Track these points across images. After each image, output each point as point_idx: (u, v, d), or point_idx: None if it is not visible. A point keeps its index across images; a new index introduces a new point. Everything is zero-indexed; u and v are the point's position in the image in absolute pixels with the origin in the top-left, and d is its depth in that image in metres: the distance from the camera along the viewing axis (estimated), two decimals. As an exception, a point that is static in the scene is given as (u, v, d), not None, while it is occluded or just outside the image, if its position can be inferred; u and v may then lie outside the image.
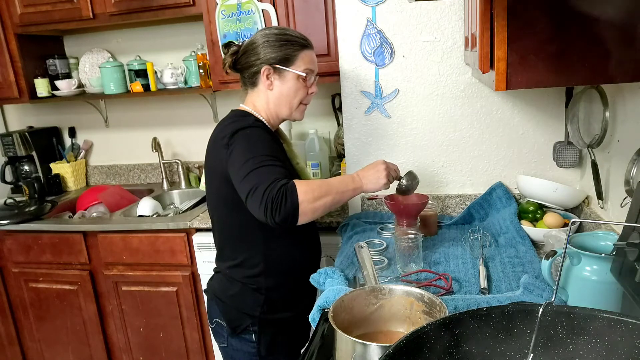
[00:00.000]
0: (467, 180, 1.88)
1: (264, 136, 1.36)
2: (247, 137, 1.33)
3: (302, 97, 1.47)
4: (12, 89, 2.60)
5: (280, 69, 1.41)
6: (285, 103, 1.45)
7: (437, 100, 1.82)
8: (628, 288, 0.90)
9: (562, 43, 0.93)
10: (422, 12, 1.76)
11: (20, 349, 2.67)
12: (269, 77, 1.42)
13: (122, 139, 2.96)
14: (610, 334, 0.73)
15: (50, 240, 2.40)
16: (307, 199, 1.21)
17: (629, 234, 0.90)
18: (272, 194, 1.19)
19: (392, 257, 1.52)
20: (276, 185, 1.20)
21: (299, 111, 1.49)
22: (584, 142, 1.53)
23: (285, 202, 1.19)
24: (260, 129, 1.38)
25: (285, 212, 1.19)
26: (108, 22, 2.43)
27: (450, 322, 0.78)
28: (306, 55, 1.44)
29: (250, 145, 1.31)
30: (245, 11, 2.18)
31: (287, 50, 1.41)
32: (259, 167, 1.24)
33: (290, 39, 1.42)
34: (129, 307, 2.39)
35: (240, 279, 1.47)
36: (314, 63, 1.47)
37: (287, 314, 1.51)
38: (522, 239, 1.54)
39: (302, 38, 1.45)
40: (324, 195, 1.26)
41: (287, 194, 1.20)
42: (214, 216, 1.52)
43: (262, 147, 1.30)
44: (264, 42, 1.41)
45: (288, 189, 1.20)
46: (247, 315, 1.46)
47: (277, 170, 1.26)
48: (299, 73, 1.42)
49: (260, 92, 1.45)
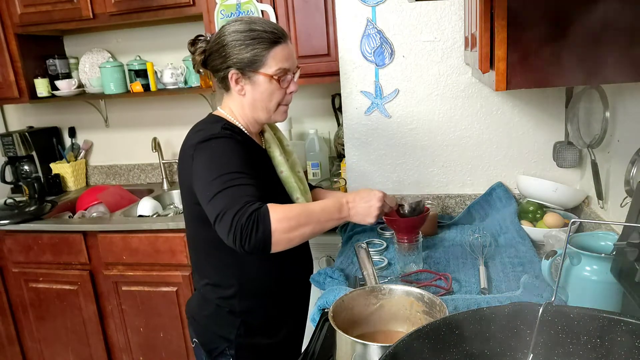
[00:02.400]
0: (467, 180, 1.88)
1: (231, 148, 1.20)
2: (210, 151, 1.19)
3: (280, 99, 1.31)
4: (12, 89, 2.60)
5: (250, 72, 1.26)
6: (261, 108, 1.30)
7: (437, 100, 1.82)
8: (628, 288, 0.90)
9: (562, 43, 0.93)
10: (422, 12, 1.76)
11: (20, 349, 2.67)
12: (238, 82, 1.27)
13: (122, 139, 2.96)
14: (610, 334, 0.73)
15: (50, 240, 2.40)
16: (281, 228, 1.07)
17: (629, 234, 0.90)
18: (242, 221, 1.05)
19: (392, 257, 1.52)
20: (247, 210, 1.06)
21: (278, 113, 1.33)
22: (584, 142, 1.53)
23: (256, 231, 1.05)
24: (228, 139, 1.22)
25: (256, 241, 1.06)
26: (108, 22, 2.43)
27: (450, 322, 0.78)
28: (278, 52, 1.25)
29: (214, 161, 1.17)
30: (245, 11, 2.18)
31: (255, 50, 1.23)
32: (226, 188, 1.10)
33: (258, 35, 1.23)
34: (129, 307, 2.39)
35: (214, 299, 1.35)
36: (289, 59, 1.28)
37: (267, 340, 1.38)
38: (522, 239, 1.54)
39: (273, 31, 1.25)
40: (302, 225, 1.11)
41: (259, 221, 1.06)
42: (187, 231, 1.39)
43: (227, 163, 1.15)
44: (230, 42, 1.24)
45: (260, 215, 1.06)
46: (222, 338, 1.34)
47: (247, 191, 1.11)
48: (270, 75, 1.25)
49: (234, 96, 1.31)
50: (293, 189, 1.38)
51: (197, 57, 1.32)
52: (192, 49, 1.33)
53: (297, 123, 2.61)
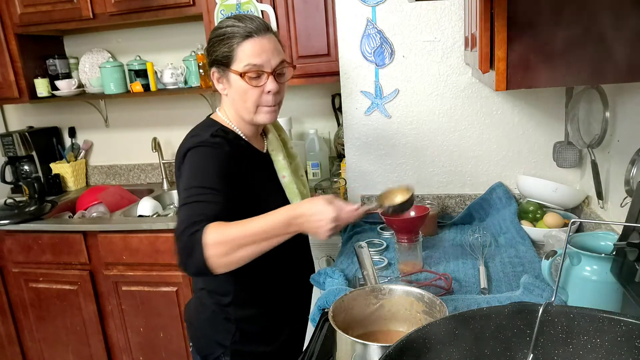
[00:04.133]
0: (467, 180, 1.88)
1: (213, 157, 1.14)
2: (192, 160, 1.14)
3: (256, 99, 1.20)
4: (12, 89, 2.60)
5: (224, 70, 1.20)
6: (241, 108, 1.23)
7: (437, 100, 1.82)
8: (628, 288, 0.90)
9: (562, 43, 0.93)
10: (422, 12, 1.76)
11: (20, 349, 2.66)
12: (219, 81, 1.23)
13: (122, 139, 2.96)
14: (610, 334, 0.73)
15: (50, 240, 2.40)
16: (216, 253, 0.99)
17: (629, 234, 0.90)
18: (182, 244, 1.01)
19: (392, 257, 1.52)
20: (187, 232, 1.00)
21: (260, 115, 1.23)
22: (584, 142, 1.53)
23: (192, 256, 0.99)
24: (212, 148, 1.16)
25: (195, 266, 1.00)
26: (108, 22, 2.42)
27: (450, 322, 0.78)
28: (248, 47, 1.15)
29: (190, 171, 1.13)
30: (245, 11, 2.18)
31: (225, 45, 1.17)
32: (187, 204, 1.06)
33: (232, 31, 1.16)
34: (129, 307, 2.39)
35: (210, 305, 1.32)
36: (261, 54, 1.16)
37: (264, 348, 1.35)
38: (522, 239, 1.54)
39: (248, 24, 1.16)
40: (241, 246, 1.00)
41: (195, 246, 0.99)
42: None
43: (199, 176, 1.10)
44: (212, 39, 1.20)
45: (195, 240, 0.99)
46: (218, 344, 1.31)
47: (204, 209, 1.04)
48: (239, 72, 1.17)
49: (223, 96, 1.26)
50: (294, 195, 1.32)
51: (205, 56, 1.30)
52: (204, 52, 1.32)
53: (297, 123, 2.61)
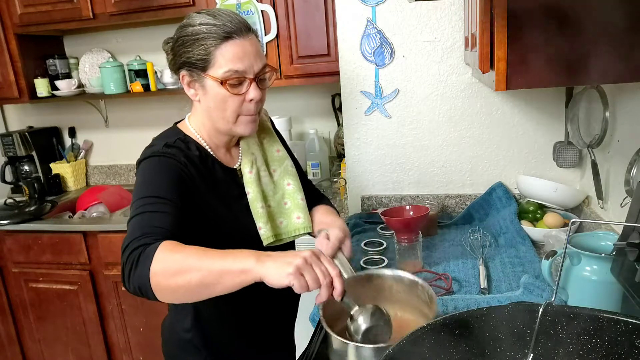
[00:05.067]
0: (467, 180, 1.88)
1: (165, 167, 1.02)
2: (144, 171, 1.03)
3: (236, 108, 1.04)
4: (12, 89, 2.60)
5: (198, 74, 1.03)
6: (218, 117, 1.07)
7: (437, 100, 1.82)
8: (628, 288, 0.90)
9: (562, 43, 0.93)
10: (422, 12, 1.76)
11: (20, 349, 2.66)
12: (190, 85, 1.06)
13: (122, 139, 2.96)
14: (610, 334, 0.73)
15: (50, 240, 2.40)
16: (162, 269, 0.84)
17: (629, 234, 0.90)
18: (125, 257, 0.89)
19: (392, 257, 1.52)
20: (134, 244, 0.89)
21: (240, 125, 1.07)
22: (584, 142, 1.53)
23: (135, 269, 0.86)
24: (165, 158, 1.03)
25: (135, 281, 0.87)
26: (108, 22, 2.42)
27: (450, 322, 0.78)
28: (228, 50, 1.00)
29: (143, 181, 1.01)
30: (245, 11, 2.18)
31: (202, 46, 1.00)
32: (138, 214, 0.94)
33: (208, 29, 1.00)
34: (129, 307, 2.39)
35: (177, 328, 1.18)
36: (243, 58, 1.01)
37: None
38: (522, 239, 1.54)
39: (226, 23, 1.01)
40: (189, 270, 0.84)
41: (140, 260, 0.86)
42: None
43: (149, 186, 0.98)
44: (180, 38, 1.04)
45: (145, 252, 0.87)
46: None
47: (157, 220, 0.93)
48: (218, 78, 1.01)
49: (193, 102, 1.10)
50: (258, 215, 1.11)
51: (168, 57, 1.10)
52: (165, 48, 1.11)
53: (297, 123, 2.61)
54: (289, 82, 2.24)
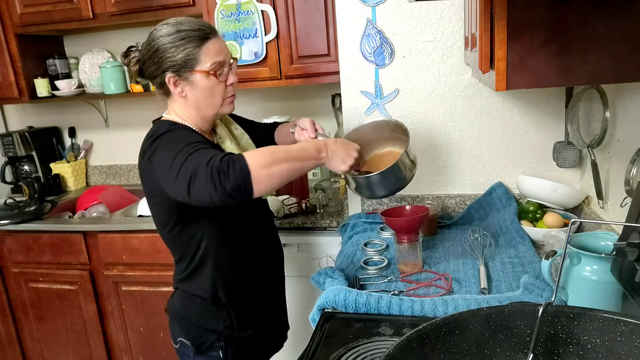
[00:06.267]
0: (467, 180, 1.88)
1: (184, 132, 1.23)
2: (165, 141, 1.19)
3: (222, 93, 1.29)
4: (12, 89, 2.60)
5: (186, 73, 1.25)
6: (206, 106, 1.30)
7: (437, 100, 1.82)
8: (628, 288, 0.90)
9: (562, 43, 0.93)
10: (422, 12, 1.76)
11: (20, 349, 2.66)
12: (177, 84, 1.26)
13: (122, 139, 2.96)
14: (610, 334, 0.73)
15: (50, 240, 2.40)
16: (257, 163, 1.06)
17: (629, 234, 0.90)
18: (216, 165, 1.05)
19: (392, 257, 1.52)
20: (218, 156, 1.07)
21: (225, 106, 1.33)
22: (584, 142, 1.53)
23: (233, 168, 1.05)
24: (180, 129, 1.25)
25: (235, 178, 1.04)
26: (108, 22, 2.42)
27: (450, 322, 0.78)
28: (210, 48, 1.25)
29: (170, 146, 1.16)
30: (245, 11, 2.18)
31: (186, 49, 1.23)
32: (190, 155, 1.10)
33: (186, 35, 1.23)
34: (129, 307, 2.39)
35: (197, 294, 1.37)
36: (221, 52, 1.27)
37: (253, 328, 1.42)
38: (522, 239, 1.54)
39: (201, 28, 1.25)
40: (280, 160, 1.09)
41: (234, 161, 1.06)
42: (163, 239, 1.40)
43: (184, 140, 1.15)
44: (161, 47, 1.24)
45: (234, 156, 1.07)
46: (211, 331, 1.37)
47: (213, 151, 1.11)
48: (207, 71, 1.25)
49: (176, 99, 1.30)
50: None
51: (132, 68, 1.32)
52: (125, 61, 1.33)
53: (297, 123, 2.61)
54: (289, 82, 2.24)
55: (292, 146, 1.17)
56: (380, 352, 1.03)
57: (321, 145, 1.20)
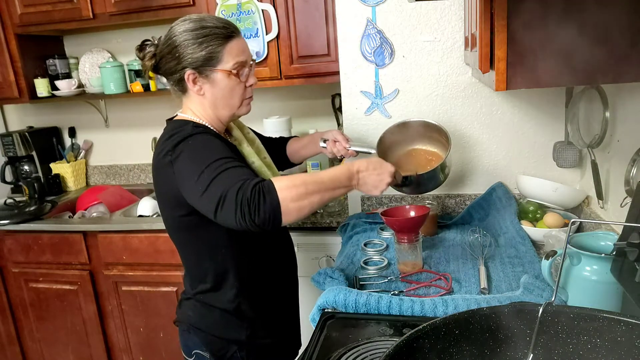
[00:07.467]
0: (467, 180, 1.88)
1: (210, 140, 1.19)
2: (191, 148, 1.16)
3: (241, 94, 1.27)
4: (12, 89, 2.60)
5: (207, 70, 1.22)
6: (224, 105, 1.27)
7: (437, 100, 1.82)
8: (628, 288, 0.90)
9: (562, 43, 0.93)
10: (422, 12, 1.76)
11: (20, 349, 2.66)
12: (195, 82, 1.23)
13: (122, 139, 2.96)
14: (610, 334, 0.73)
15: (50, 240, 2.40)
16: (289, 196, 1.04)
17: (629, 234, 0.90)
18: (247, 195, 1.02)
19: (392, 257, 1.52)
20: (249, 185, 1.04)
21: (243, 107, 1.31)
22: (584, 142, 1.53)
23: (264, 201, 1.02)
24: (204, 134, 1.20)
25: (265, 212, 1.02)
26: (108, 22, 2.42)
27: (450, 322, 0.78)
28: (233, 47, 1.23)
29: (197, 155, 1.13)
30: (245, 11, 2.18)
31: (210, 47, 1.20)
32: (219, 174, 1.07)
33: (210, 32, 1.20)
34: (129, 307, 2.39)
35: (217, 305, 1.32)
36: (244, 52, 1.25)
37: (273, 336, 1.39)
38: (522, 239, 1.54)
39: (225, 26, 1.23)
40: (311, 193, 1.08)
41: (265, 192, 1.03)
42: (175, 242, 1.35)
43: (212, 153, 1.13)
44: (182, 42, 1.20)
45: (264, 187, 1.04)
46: (233, 341, 1.32)
47: (242, 172, 1.10)
48: (229, 70, 1.22)
49: (193, 97, 1.26)
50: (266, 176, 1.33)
51: (147, 63, 1.27)
52: (140, 55, 1.29)
53: (297, 123, 2.61)
54: (289, 82, 2.24)
55: (323, 175, 1.13)
56: (380, 352, 1.03)
57: (353, 172, 1.18)
